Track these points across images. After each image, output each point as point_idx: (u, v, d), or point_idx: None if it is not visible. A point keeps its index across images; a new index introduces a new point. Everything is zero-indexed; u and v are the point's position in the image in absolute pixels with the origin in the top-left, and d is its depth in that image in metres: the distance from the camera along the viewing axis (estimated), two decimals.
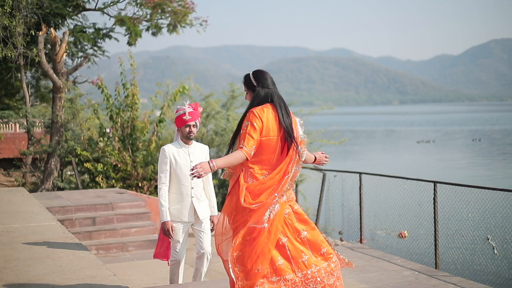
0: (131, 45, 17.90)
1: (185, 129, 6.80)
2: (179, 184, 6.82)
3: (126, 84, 15.03)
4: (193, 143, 6.94)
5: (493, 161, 44.59)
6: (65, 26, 17.44)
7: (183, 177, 6.80)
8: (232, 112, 19.00)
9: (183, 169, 6.78)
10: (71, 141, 15.06)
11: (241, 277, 5.17)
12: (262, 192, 5.29)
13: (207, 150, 7.13)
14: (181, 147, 6.87)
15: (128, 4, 17.80)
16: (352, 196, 13.82)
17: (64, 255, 6.83)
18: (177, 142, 6.94)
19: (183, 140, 6.89)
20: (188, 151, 6.86)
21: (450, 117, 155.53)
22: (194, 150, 6.91)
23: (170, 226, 6.76)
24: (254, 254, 5.20)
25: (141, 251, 10.36)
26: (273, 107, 5.46)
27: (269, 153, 5.38)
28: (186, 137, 6.83)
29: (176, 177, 6.81)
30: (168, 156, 6.79)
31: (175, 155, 6.80)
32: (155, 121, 15.36)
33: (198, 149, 6.98)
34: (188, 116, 6.73)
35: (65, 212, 10.79)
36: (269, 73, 5.69)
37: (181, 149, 6.85)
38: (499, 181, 30.45)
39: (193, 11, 18.33)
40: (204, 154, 7.03)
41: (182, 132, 6.84)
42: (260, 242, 5.21)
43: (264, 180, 5.32)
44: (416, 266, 10.38)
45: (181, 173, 6.79)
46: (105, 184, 14.44)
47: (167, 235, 6.80)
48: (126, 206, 11.30)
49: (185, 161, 6.81)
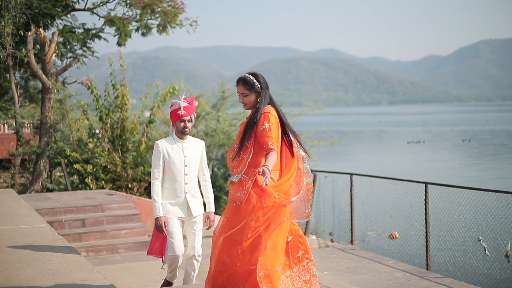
0: (120, 46, 17.81)
1: (180, 124, 6.69)
2: (173, 179, 6.70)
3: (116, 84, 14.96)
4: (188, 138, 6.83)
5: (483, 161, 44.71)
6: (54, 26, 17.35)
7: (177, 172, 6.69)
8: (223, 113, 18.95)
9: (176, 165, 6.68)
10: (61, 142, 14.96)
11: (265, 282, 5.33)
12: (288, 191, 5.50)
13: (203, 145, 7.01)
14: (175, 142, 6.76)
15: (118, 5, 17.71)
16: (343, 197, 13.80)
17: (54, 258, 6.75)
18: (171, 136, 6.82)
19: (178, 135, 6.77)
20: (182, 146, 6.75)
21: (439, 118, 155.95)
22: (188, 145, 6.80)
23: (163, 222, 6.64)
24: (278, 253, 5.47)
25: (131, 253, 10.28)
26: (273, 107, 5.63)
27: (278, 153, 5.55)
28: (181, 132, 6.72)
29: (169, 172, 6.70)
30: (161, 151, 6.68)
31: (168, 150, 6.69)
32: (145, 122, 15.29)
33: (193, 144, 6.86)
34: (183, 111, 6.64)
35: (54, 213, 10.70)
36: None
37: (175, 144, 6.74)
38: (490, 182, 30.53)
39: (183, 12, 18.26)
40: (200, 149, 6.91)
41: (177, 127, 6.73)
42: (283, 239, 5.50)
43: (282, 182, 5.48)
44: (408, 267, 10.38)
45: (175, 168, 6.68)
46: (95, 185, 14.35)
47: (160, 231, 6.68)
48: (116, 207, 11.22)
49: (178, 156, 6.70)
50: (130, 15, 17.86)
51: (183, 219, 6.79)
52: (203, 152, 6.99)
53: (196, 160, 6.85)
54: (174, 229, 6.69)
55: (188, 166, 6.76)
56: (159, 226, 6.66)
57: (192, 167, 6.81)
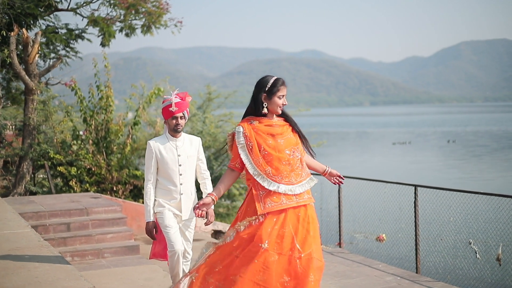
0: (104, 46, 17.59)
1: (172, 121, 6.41)
2: (167, 180, 6.44)
3: (100, 86, 14.77)
4: (181, 136, 6.55)
5: (469, 163, 44.89)
6: (37, 27, 17.10)
7: (171, 172, 6.41)
8: (209, 114, 18.81)
9: (170, 164, 6.41)
10: (44, 144, 14.74)
11: None
12: None
13: (199, 142, 6.72)
14: (168, 140, 6.48)
15: (102, 5, 17.49)
16: (331, 199, 13.69)
17: (40, 265, 6.55)
18: (164, 135, 6.54)
19: (170, 132, 6.49)
20: (176, 144, 6.47)
21: (421, 119, 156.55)
22: (182, 143, 6.51)
23: (153, 228, 6.41)
24: None
25: (118, 258, 10.08)
26: None
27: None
28: (173, 129, 6.43)
29: (164, 172, 6.44)
30: (153, 151, 6.40)
31: (160, 149, 6.41)
32: (130, 124, 15.09)
33: (187, 142, 6.57)
34: (175, 108, 6.34)
35: (38, 217, 10.48)
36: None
37: (167, 143, 6.46)
38: (479, 183, 30.63)
39: (167, 12, 18.08)
40: (195, 147, 6.62)
41: (169, 125, 6.45)
42: None
43: None
44: (398, 271, 10.25)
45: (169, 169, 6.41)
46: (79, 188, 14.14)
47: (150, 236, 6.44)
48: (102, 211, 11.01)
49: (172, 155, 6.43)
50: (114, 15, 17.65)
51: (177, 217, 6.53)
52: (200, 149, 6.71)
53: (191, 158, 6.57)
54: (170, 223, 6.41)
55: (183, 165, 6.48)
56: (149, 232, 6.44)
57: (187, 167, 6.53)
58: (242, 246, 5.34)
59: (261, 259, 5.21)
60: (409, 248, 11.78)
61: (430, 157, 50.26)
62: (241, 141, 5.50)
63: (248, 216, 5.43)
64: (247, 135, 5.50)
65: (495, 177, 35.16)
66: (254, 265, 5.22)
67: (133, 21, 17.95)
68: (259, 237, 5.27)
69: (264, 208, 5.35)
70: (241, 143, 5.50)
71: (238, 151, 5.52)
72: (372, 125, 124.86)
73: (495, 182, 32.35)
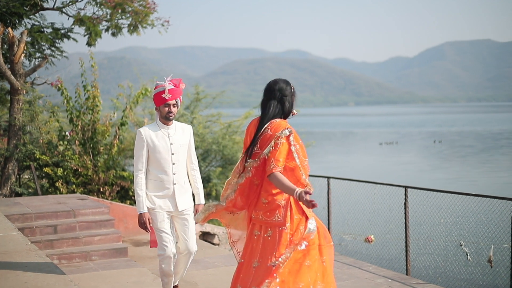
0: (90, 46, 17.43)
1: (164, 108, 6.17)
2: (159, 170, 6.19)
3: (87, 85, 14.60)
4: (173, 124, 6.31)
5: (457, 163, 45.10)
6: (23, 26, 16.92)
7: (163, 162, 6.17)
8: (197, 114, 18.70)
9: (162, 153, 6.16)
10: (30, 144, 14.56)
11: None
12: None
13: (190, 130, 6.48)
14: (160, 128, 6.23)
15: (88, 4, 17.32)
16: (320, 200, 13.60)
17: (28, 269, 6.41)
18: (154, 123, 6.30)
19: (162, 120, 6.24)
20: (168, 132, 6.23)
21: (406, 119, 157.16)
22: (174, 131, 6.28)
23: (146, 218, 6.12)
24: None
25: (105, 260, 9.94)
26: None
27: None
28: (165, 117, 6.19)
29: (155, 162, 6.17)
30: (144, 139, 6.15)
31: (152, 137, 6.15)
32: (117, 124, 14.94)
33: (179, 130, 6.33)
34: (168, 94, 6.10)
35: (25, 220, 10.32)
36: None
37: (159, 130, 6.21)
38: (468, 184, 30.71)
39: (154, 11, 17.94)
40: (187, 135, 6.38)
41: (161, 112, 6.20)
42: None
43: None
44: (389, 273, 10.20)
45: (161, 158, 6.16)
46: (65, 189, 13.97)
47: (143, 228, 6.16)
48: (89, 213, 10.86)
49: (164, 143, 6.17)
50: (100, 14, 17.49)
51: (172, 213, 6.31)
52: (191, 138, 6.47)
53: (184, 147, 6.34)
54: (163, 226, 6.20)
55: (176, 154, 6.25)
56: (142, 223, 6.16)
57: (180, 155, 6.30)
58: None
59: None
60: (399, 250, 11.71)
61: (417, 157, 50.42)
62: (294, 143, 5.26)
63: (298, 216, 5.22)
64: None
65: (483, 177, 35.33)
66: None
67: (119, 20, 17.81)
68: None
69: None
70: (295, 145, 5.29)
71: (293, 154, 5.27)
72: (357, 125, 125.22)
73: (483, 182, 32.47)
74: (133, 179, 14.39)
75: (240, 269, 5.19)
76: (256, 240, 5.15)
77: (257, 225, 5.18)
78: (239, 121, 19.78)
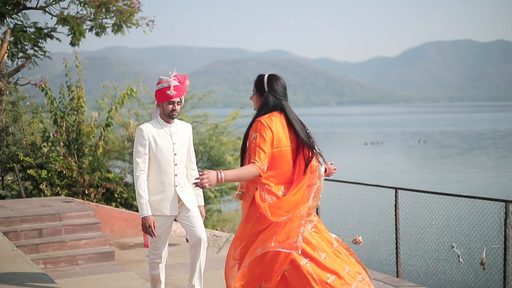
0: (74, 46, 17.23)
1: (168, 106, 5.83)
2: (160, 170, 5.85)
3: (71, 86, 14.38)
4: (174, 122, 5.98)
5: (443, 163, 45.17)
6: (5, 25, 16.67)
7: (165, 162, 5.85)
8: (183, 115, 18.51)
9: (165, 153, 5.83)
10: (13, 146, 14.31)
11: None
12: (289, 211, 4.67)
13: (190, 129, 6.18)
14: (162, 126, 5.89)
15: (72, 3, 17.11)
16: None
17: (16, 277, 6.20)
18: (155, 120, 5.95)
19: (164, 118, 5.91)
20: (170, 131, 5.91)
21: (388, 119, 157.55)
22: (176, 129, 5.96)
23: (151, 222, 5.75)
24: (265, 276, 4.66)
25: (92, 265, 9.73)
26: (282, 115, 4.96)
27: (284, 165, 4.85)
28: (168, 115, 5.86)
29: (156, 162, 5.84)
30: (146, 138, 5.79)
31: (154, 136, 5.82)
32: (102, 125, 14.72)
33: (180, 129, 6.03)
34: (174, 91, 5.77)
35: (9, 223, 10.08)
36: (283, 81, 5.22)
37: (161, 129, 5.87)
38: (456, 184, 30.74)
39: (139, 11, 17.77)
40: (188, 134, 6.08)
41: (164, 109, 5.86)
42: (281, 267, 4.63)
43: (288, 198, 4.74)
44: (380, 276, 10.06)
45: (163, 158, 5.83)
46: (50, 191, 13.73)
47: (148, 233, 5.78)
48: (75, 216, 10.62)
49: (166, 143, 5.85)
50: (84, 14, 17.28)
51: (173, 216, 6.00)
52: (191, 137, 6.18)
53: (185, 147, 6.04)
54: (158, 232, 5.90)
55: (178, 154, 5.94)
56: (147, 227, 5.78)
57: (182, 156, 6.00)
58: None
59: None
60: (389, 252, 11.61)
61: (403, 157, 50.49)
62: None
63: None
64: None
65: (471, 178, 35.40)
66: None
67: (103, 19, 17.62)
68: None
69: None
70: None
71: None
72: (340, 125, 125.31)
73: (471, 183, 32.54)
74: (118, 181, 14.20)
75: None
76: None
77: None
78: (226, 121, 19.62)
